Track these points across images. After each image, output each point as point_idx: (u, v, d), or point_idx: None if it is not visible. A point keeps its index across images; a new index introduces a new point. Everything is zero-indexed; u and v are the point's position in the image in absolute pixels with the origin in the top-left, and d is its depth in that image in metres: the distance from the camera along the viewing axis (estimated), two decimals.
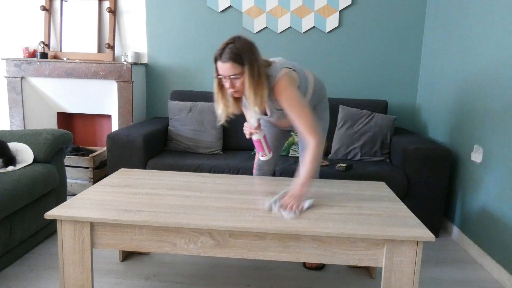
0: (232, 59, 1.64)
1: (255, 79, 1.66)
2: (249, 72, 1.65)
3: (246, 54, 1.65)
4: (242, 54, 1.64)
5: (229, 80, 1.68)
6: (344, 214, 1.57)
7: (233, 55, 1.64)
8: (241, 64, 1.65)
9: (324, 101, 2.07)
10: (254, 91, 1.67)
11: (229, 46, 1.65)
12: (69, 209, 1.51)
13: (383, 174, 2.53)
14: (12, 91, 3.26)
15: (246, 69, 1.64)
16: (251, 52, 1.67)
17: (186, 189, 1.82)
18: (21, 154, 2.25)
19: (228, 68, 1.65)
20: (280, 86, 1.73)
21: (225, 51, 1.65)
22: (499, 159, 2.13)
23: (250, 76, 1.65)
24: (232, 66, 1.64)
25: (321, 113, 2.06)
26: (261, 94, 1.69)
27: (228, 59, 1.64)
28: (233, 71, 1.65)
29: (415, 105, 3.37)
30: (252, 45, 1.71)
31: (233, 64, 1.64)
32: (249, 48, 1.67)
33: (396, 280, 1.45)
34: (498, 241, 2.10)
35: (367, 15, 3.25)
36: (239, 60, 1.64)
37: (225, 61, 1.65)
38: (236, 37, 1.70)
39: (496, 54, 2.21)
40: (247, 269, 2.08)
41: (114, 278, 1.95)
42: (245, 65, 1.64)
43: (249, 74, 1.65)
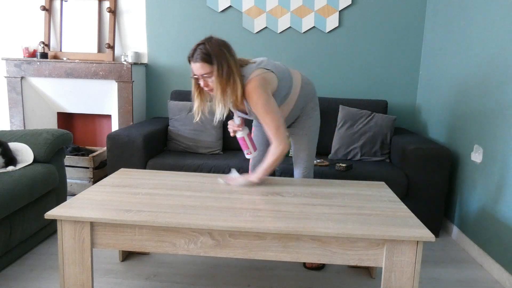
0: (202, 59, 1.72)
1: (223, 78, 1.73)
2: (217, 71, 1.72)
3: (215, 54, 1.72)
4: (212, 54, 1.71)
5: (203, 79, 1.76)
6: (344, 214, 1.57)
7: (203, 55, 1.72)
8: (210, 63, 1.72)
9: (313, 101, 2.08)
10: (221, 90, 1.74)
11: (200, 47, 1.74)
12: (69, 209, 1.51)
13: (383, 174, 2.53)
14: (12, 91, 3.26)
15: (215, 68, 1.71)
16: (221, 52, 1.73)
17: (186, 189, 1.82)
18: (21, 154, 2.25)
19: (199, 67, 1.73)
20: (249, 87, 1.78)
21: (196, 52, 1.73)
22: (499, 159, 2.13)
23: (217, 75, 1.72)
24: (202, 66, 1.73)
25: (311, 112, 2.07)
26: (229, 93, 1.75)
27: (199, 59, 1.72)
28: (203, 70, 1.73)
29: (415, 105, 3.37)
30: (224, 45, 1.76)
31: (202, 64, 1.72)
32: (219, 48, 1.74)
33: (396, 280, 1.45)
34: (498, 241, 2.10)
35: (367, 15, 3.25)
36: (209, 60, 1.72)
37: (196, 61, 1.73)
38: (208, 38, 1.77)
39: (496, 54, 2.21)
40: (247, 269, 2.08)
41: (114, 278, 1.95)
42: (214, 65, 1.71)
43: (217, 73, 1.72)
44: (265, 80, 1.79)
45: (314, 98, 2.08)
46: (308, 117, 2.05)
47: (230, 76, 1.73)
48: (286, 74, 1.93)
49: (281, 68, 1.92)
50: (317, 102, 2.11)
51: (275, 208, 1.61)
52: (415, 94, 3.36)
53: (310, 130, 2.07)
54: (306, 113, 2.05)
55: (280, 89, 1.88)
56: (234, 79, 1.75)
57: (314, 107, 2.08)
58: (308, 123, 2.06)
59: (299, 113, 2.05)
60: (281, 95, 1.91)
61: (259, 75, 1.78)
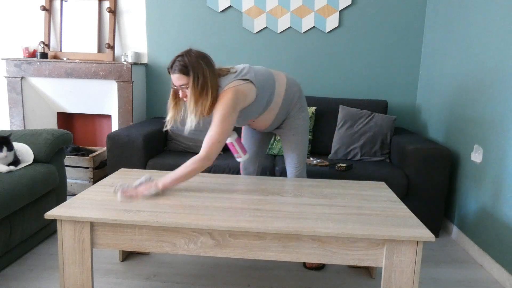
0: (179, 70, 1.76)
1: (197, 89, 1.76)
2: (192, 82, 1.75)
3: (192, 65, 1.75)
4: (189, 66, 1.75)
5: (181, 90, 1.80)
6: (344, 214, 1.57)
7: (180, 67, 1.76)
8: (187, 75, 1.76)
9: (300, 102, 2.08)
10: (194, 101, 1.77)
11: (178, 58, 1.78)
12: (69, 209, 1.51)
13: (383, 174, 2.53)
14: (12, 91, 3.26)
15: (190, 79, 1.75)
16: (198, 64, 1.77)
17: (186, 189, 1.82)
18: (21, 154, 2.25)
19: (177, 78, 1.78)
20: (221, 96, 1.81)
21: (175, 63, 1.78)
22: (499, 159, 2.13)
23: (192, 86, 1.76)
24: (180, 77, 1.77)
25: (297, 113, 2.07)
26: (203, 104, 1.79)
27: (177, 71, 1.77)
28: (181, 81, 1.77)
29: (415, 105, 3.37)
30: (202, 57, 1.80)
31: (180, 75, 1.77)
32: (196, 60, 1.77)
33: (396, 280, 1.45)
34: (498, 241, 2.10)
35: (367, 15, 3.25)
36: (186, 71, 1.75)
37: (174, 72, 1.78)
38: (187, 50, 1.81)
39: (496, 54, 2.21)
40: (247, 269, 2.08)
41: (114, 278, 1.95)
42: (190, 76, 1.75)
43: (192, 85, 1.76)
44: (240, 92, 1.81)
45: (301, 100, 2.09)
46: (295, 118, 2.06)
47: (204, 88, 1.77)
48: (268, 80, 1.95)
49: (262, 75, 1.93)
50: (305, 103, 2.11)
51: (275, 208, 1.61)
52: (415, 94, 3.36)
53: (298, 130, 2.07)
54: (293, 114, 2.06)
55: (260, 97, 1.90)
56: (207, 92, 1.78)
57: (301, 108, 2.08)
58: (296, 123, 2.07)
59: (285, 115, 2.06)
60: (263, 102, 1.93)
61: (234, 87, 1.80)
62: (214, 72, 1.81)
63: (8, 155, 2.10)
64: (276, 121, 2.05)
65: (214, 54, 3.44)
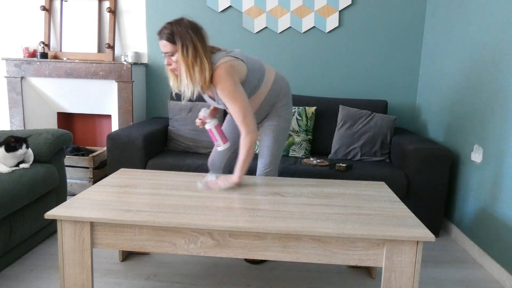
0: (166, 38, 1.74)
1: (188, 58, 1.74)
2: (181, 51, 1.74)
3: (180, 34, 1.74)
4: (176, 34, 1.73)
5: (166, 57, 1.79)
6: (344, 214, 1.57)
7: (167, 34, 1.74)
8: (173, 43, 1.74)
9: (286, 98, 2.07)
10: (186, 70, 1.75)
11: (167, 26, 1.76)
12: (69, 209, 1.51)
13: (383, 174, 2.53)
14: (12, 91, 3.26)
15: (179, 48, 1.73)
16: (187, 34, 1.74)
17: (186, 189, 1.82)
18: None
19: (163, 45, 1.76)
20: (216, 73, 1.78)
21: (162, 30, 1.76)
22: (499, 159, 2.13)
23: (181, 55, 1.74)
24: (165, 44, 1.75)
25: (281, 110, 2.07)
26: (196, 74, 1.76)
27: (163, 38, 1.75)
28: (166, 49, 1.76)
29: (415, 105, 3.37)
30: (193, 28, 1.77)
31: (166, 42, 1.75)
32: (186, 30, 1.75)
33: (396, 280, 1.45)
34: (498, 241, 2.10)
35: (367, 15, 3.25)
36: (172, 39, 1.74)
37: (160, 39, 1.76)
38: (179, 19, 1.77)
39: (496, 54, 2.21)
40: (247, 269, 2.08)
41: (114, 278, 1.95)
42: (177, 45, 1.73)
43: (181, 53, 1.74)
44: (232, 67, 1.79)
45: (287, 97, 2.08)
46: (278, 115, 2.06)
47: (196, 57, 1.75)
48: (258, 66, 1.95)
49: (253, 60, 1.94)
50: (291, 102, 2.11)
51: (275, 208, 1.61)
52: (415, 94, 3.36)
53: (277, 127, 2.06)
54: (276, 110, 2.05)
55: (249, 78, 1.89)
56: (202, 61, 1.76)
57: (286, 104, 2.07)
58: (276, 120, 2.06)
59: (269, 109, 2.05)
60: (250, 85, 1.91)
61: (227, 62, 1.79)
62: (204, 44, 1.79)
63: (28, 153, 2.18)
64: (260, 113, 2.04)
65: None
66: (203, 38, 1.80)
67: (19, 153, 2.11)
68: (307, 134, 2.95)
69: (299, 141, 2.92)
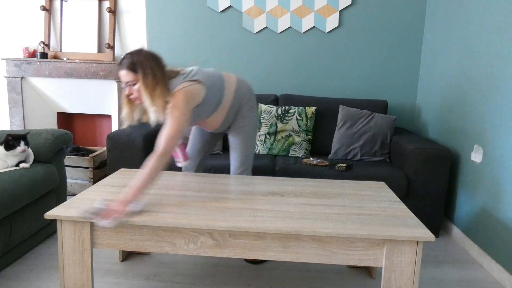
0: (127, 67, 1.77)
1: (148, 86, 1.78)
2: (142, 79, 1.77)
3: (141, 63, 1.77)
4: (137, 63, 1.77)
5: (128, 86, 1.81)
6: (344, 214, 1.57)
7: (128, 64, 1.77)
8: (135, 72, 1.77)
9: (250, 103, 2.12)
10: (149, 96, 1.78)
11: (127, 56, 1.78)
12: (69, 209, 1.51)
13: (383, 174, 2.53)
14: (12, 91, 3.26)
15: (140, 77, 1.77)
16: (147, 62, 1.78)
17: (186, 189, 1.82)
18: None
19: (124, 75, 1.79)
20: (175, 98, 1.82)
21: (123, 61, 1.78)
22: (499, 159, 2.13)
23: (143, 82, 1.77)
24: (127, 74, 1.78)
25: (247, 113, 2.11)
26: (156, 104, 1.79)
27: (124, 67, 1.78)
28: (128, 78, 1.78)
29: (415, 105, 3.37)
30: (152, 57, 1.81)
31: (127, 71, 1.77)
32: (145, 59, 1.79)
33: (396, 280, 1.45)
34: (498, 241, 2.10)
35: (367, 15, 3.25)
36: (133, 69, 1.77)
37: (121, 69, 1.79)
38: (138, 49, 1.82)
39: (496, 54, 2.21)
40: (247, 269, 2.08)
41: (114, 278, 1.95)
42: (139, 73, 1.77)
43: (142, 81, 1.77)
44: (189, 93, 1.83)
45: (251, 101, 2.12)
46: (244, 118, 2.10)
47: (155, 85, 1.78)
48: (218, 81, 1.99)
49: (212, 77, 1.97)
50: (255, 105, 2.15)
51: (275, 208, 1.61)
52: (415, 94, 3.36)
53: (245, 129, 2.10)
54: (242, 114, 2.09)
55: (210, 97, 1.94)
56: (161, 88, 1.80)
57: (251, 109, 2.12)
58: (243, 123, 2.10)
59: (234, 116, 2.10)
60: (213, 102, 1.96)
61: (184, 88, 1.83)
62: (164, 72, 1.83)
63: (27, 150, 2.17)
64: (226, 122, 2.09)
65: (214, 54, 3.46)
66: (162, 66, 1.85)
67: (18, 150, 2.11)
68: (307, 134, 2.95)
69: (299, 141, 2.92)
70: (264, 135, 2.94)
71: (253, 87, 3.39)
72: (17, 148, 2.11)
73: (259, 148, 2.94)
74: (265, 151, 2.93)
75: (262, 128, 2.95)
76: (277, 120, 2.93)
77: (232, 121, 2.12)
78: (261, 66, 3.36)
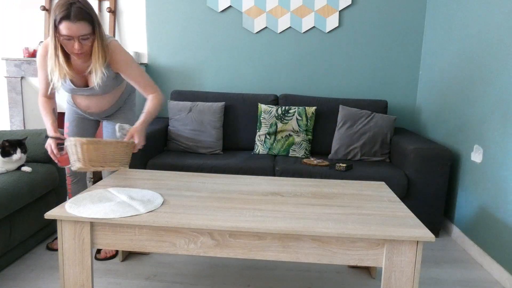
0: (84, 18, 1.57)
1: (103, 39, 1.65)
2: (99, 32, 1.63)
3: (94, 13, 1.62)
4: (92, 13, 1.60)
5: (79, 41, 1.60)
6: (344, 214, 1.57)
7: (85, 14, 1.57)
8: (91, 23, 1.60)
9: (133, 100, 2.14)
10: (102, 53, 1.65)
11: (76, 5, 1.56)
12: (69, 209, 1.51)
13: (383, 174, 2.53)
14: (12, 91, 3.26)
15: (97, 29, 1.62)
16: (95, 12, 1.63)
17: (186, 189, 1.82)
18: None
19: (80, 27, 1.57)
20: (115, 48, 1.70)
21: (73, 10, 1.55)
22: (499, 159, 2.13)
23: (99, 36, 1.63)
24: (84, 26, 1.58)
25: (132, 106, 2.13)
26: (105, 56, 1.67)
27: (81, 19, 1.56)
28: (85, 30, 1.59)
29: (415, 105, 3.37)
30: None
31: (85, 23, 1.58)
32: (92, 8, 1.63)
33: (396, 280, 1.45)
34: (498, 241, 2.10)
35: (367, 15, 3.25)
36: (90, 19, 1.59)
37: (76, 21, 1.56)
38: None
39: (496, 54, 2.21)
40: (247, 269, 2.08)
41: (114, 278, 1.95)
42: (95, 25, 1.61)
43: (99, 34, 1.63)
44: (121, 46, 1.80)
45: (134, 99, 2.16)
46: (130, 109, 2.11)
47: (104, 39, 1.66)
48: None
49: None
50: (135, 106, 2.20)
51: (275, 208, 1.61)
52: (415, 94, 3.36)
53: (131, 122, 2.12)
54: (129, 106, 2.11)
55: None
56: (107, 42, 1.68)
57: (132, 107, 2.14)
58: (130, 115, 2.12)
59: (123, 103, 2.09)
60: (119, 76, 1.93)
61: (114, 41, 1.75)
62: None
63: (22, 157, 2.12)
64: (115, 106, 2.06)
65: (214, 54, 3.45)
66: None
67: (14, 159, 2.07)
68: (307, 134, 2.95)
69: (299, 141, 2.92)
70: (264, 135, 2.94)
71: (253, 87, 3.40)
72: (13, 156, 2.06)
73: (259, 148, 2.94)
74: (265, 151, 2.93)
75: (262, 128, 2.95)
76: (277, 120, 2.93)
77: (118, 108, 2.09)
78: (261, 66, 3.36)
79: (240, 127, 3.08)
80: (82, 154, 1.61)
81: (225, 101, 3.09)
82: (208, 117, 2.94)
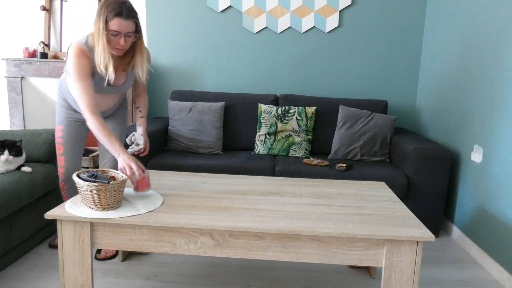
0: (134, 17, 1.72)
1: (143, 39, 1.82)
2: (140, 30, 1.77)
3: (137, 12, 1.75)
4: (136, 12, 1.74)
5: (125, 37, 1.73)
6: (344, 214, 1.57)
7: (134, 13, 1.72)
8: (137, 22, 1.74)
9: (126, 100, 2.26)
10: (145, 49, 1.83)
11: (127, 4, 1.71)
12: (69, 209, 1.51)
13: (383, 174, 2.53)
14: (12, 91, 3.26)
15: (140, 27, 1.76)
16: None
17: (186, 189, 1.82)
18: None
19: (130, 25, 1.70)
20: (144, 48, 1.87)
21: (125, 9, 1.69)
22: (499, 159, 2.13)
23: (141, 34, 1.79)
24: (132, 24, 1.72)
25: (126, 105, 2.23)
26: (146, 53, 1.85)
27: (131, 17, 1.70)
28: (132, 28, 1.72)
29: (415, 105, 3.37)
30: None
31: (132, 22, 1.72)
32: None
33: (396, 280, 1.45)
34: (498, 241, 2.10)
35: (367, 15, 3.25)
36: (137, 18, 1.73)
37: (127, 18, 1.69)
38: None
39: (496, 54, 2.21)
40: (247, 269, 2.08)
41: (114, 278, 1.95)
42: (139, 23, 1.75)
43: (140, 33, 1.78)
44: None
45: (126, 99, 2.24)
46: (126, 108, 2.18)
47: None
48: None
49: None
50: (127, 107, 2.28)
51: (275, 208, 1.61)
52: (415, 94, 3.36)
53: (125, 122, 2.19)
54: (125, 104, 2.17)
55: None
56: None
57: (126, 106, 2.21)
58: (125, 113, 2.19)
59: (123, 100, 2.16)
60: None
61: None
62: None
63: (10, 159, 2.06)
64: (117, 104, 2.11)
65: (214, 54, 3.45)
66: None
67: (1, 159, 2.03)
68: (307, 134, 2.95)
69: (299, 141, 2.92)
70: (264, 135, 2.94)
71: (253, 87, 3.40)
72: (0, 157, 2.03)
73: (259, 148, 2.94)
74: (265, 151, 2.93)
75: (262, 128, 2.95)
76: (277, 120, 2.93)
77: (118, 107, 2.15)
78: (261, 66, 3.36)
79: (240, 127, 3.08)
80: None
81: (225, 101, 3.09)
82: (208, 117, 2.94)
